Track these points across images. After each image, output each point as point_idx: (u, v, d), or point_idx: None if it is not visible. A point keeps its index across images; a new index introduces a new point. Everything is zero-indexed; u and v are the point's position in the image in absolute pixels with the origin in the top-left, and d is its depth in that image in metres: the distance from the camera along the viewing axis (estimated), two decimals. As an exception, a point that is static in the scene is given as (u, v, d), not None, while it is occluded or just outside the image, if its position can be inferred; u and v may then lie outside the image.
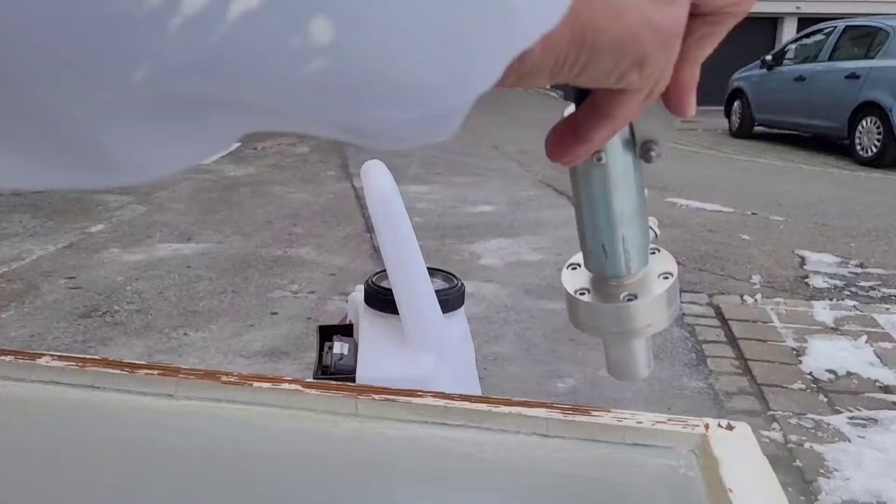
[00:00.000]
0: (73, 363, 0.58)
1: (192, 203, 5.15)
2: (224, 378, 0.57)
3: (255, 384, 0.56)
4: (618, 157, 0.39)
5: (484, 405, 0.54)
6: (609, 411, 0.54)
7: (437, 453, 0.51)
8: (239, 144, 7.47)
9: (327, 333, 1.36)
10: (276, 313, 3.23)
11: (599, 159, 0.39)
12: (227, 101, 0.21)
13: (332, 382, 0.58)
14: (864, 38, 8.91)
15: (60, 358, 0.59)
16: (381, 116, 0.22)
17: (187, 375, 0.57)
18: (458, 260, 3.98)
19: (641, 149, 0.39)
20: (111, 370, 0.57)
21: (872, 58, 8.49)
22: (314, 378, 1.31)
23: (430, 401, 0.55)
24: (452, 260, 3.93)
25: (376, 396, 0.55)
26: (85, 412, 0.55)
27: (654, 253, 0.46)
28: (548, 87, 10.85)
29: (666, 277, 0.45)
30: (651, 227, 0.52)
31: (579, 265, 0.47)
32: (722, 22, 0.34)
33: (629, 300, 0.43)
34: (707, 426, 0.52)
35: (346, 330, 1.38)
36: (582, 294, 0.45)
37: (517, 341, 3.04)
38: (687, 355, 2.94)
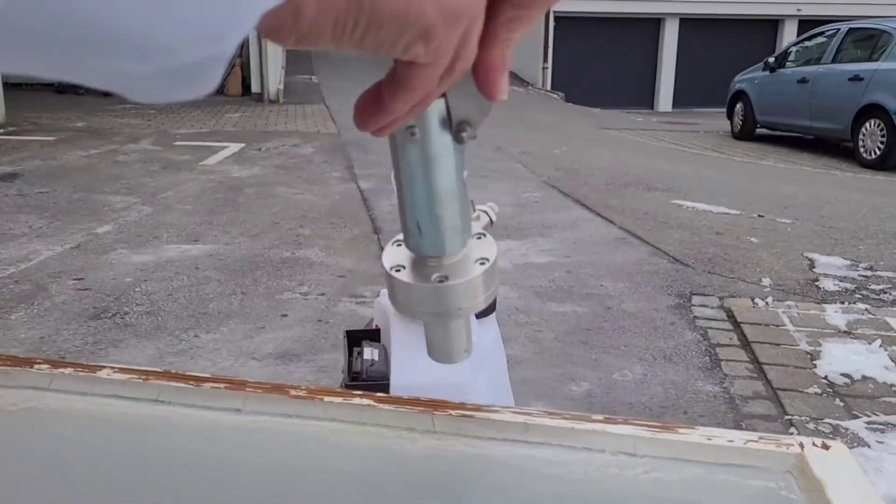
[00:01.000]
0: (136, 376, 0.56)
1: (198, 204, 5.13)
2: (292, 392, 0.55)
3: (326, 398, 0.55)
4: (432, 134, 0.38)
5: (566, 422, 0.52)
6: (695, 428, 0.52)
7: (523, 473, 0.49)
8: (243, 145, 7.45)
9: (354, 339, 1.34)
10: (286, 315, 3.21)
11: (413, 134, 0.38)
12: None
13: (404, 397, 0.56)
14: (868, 41, 8.91)
15: (122, 370, 0.57)
16: (112, 67, 0.22)
17: (254, 389, 0.55)
18: (466, 262, 3.95)
19: (455, 129, 0.38)
20: (175, 383, 0.56)
21: (876, 60, 8.49)
22: (345, 385, 1.29)
23: (508, 417, 0.53)
24: (461, 262, 3.90)
25: (453, 412, 0.53)
26: (151, 427, 0.53)
27: (479, 238, 0.46)
28: (549, 88, 10.68)
29: (482, 263, 0.44)
30: (487, 213, 0.51)
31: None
32: (530, 6, 0.33)
33: (440, 281, 0.43)
34: (802, 445, 0.50)
35: (374, 335, 1.36)
36: (397, 271, 0.44)
37: (529, 344, 3.03)
38: (700, 359, 2.93)
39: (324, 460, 0.51)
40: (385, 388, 1.17)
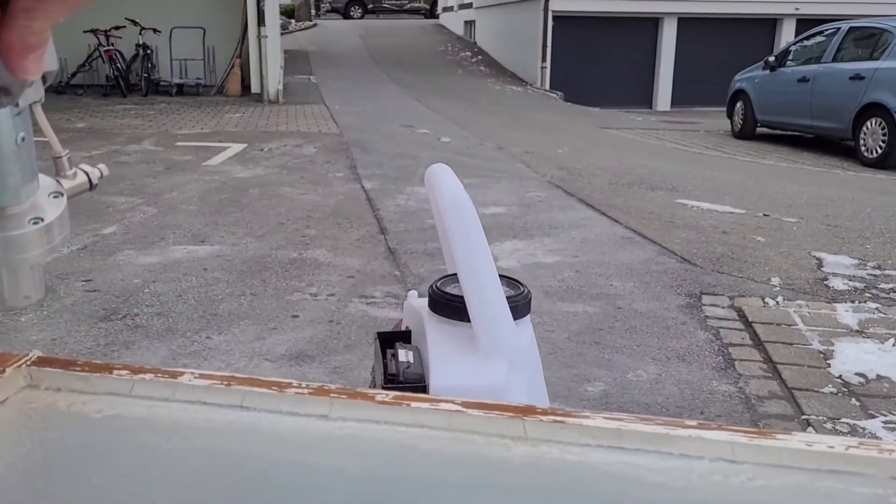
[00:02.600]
0: (218, 381, 0.55)
1: (203, 204, 5.11)
2: (378, 397, 0.55)
3: (413, 404, 0.54)
4: None
5: (660, 428, 0.51)
6: (793, 434, 0.51)
7: (625, 481, 0.48)
8: (245, 146, 7.43)
9: (386, 340, 1.33)
10: (297, 316, 3.20)
11: None
12: None
13: (491, 403, 0.55)
14: (869, 39, 8.93)
15: (202, 376, 0.56)
16: None
17: (339, 395, 0.55)
18: (475, 262, 3.94)
19: None
20: (258, 389, 0.55)
21: (877, 59, 8.50)
22: (383, 387, 1.28)
23: (601, 422, 0.52)
24: (469, 262, 3.89)
25: (544, 418, 0.53)
26: (239, 434, 0.53)
27: (56, 197, 0.50)
28: (547, 87, 10.68)
29: (35, 222, 0.47)
30: (87, 174, 0.54)
31: None
32: (45, 2, 0.35)
33: None
34: (904, 450, 0.49)
35: (405, 337, 1.35)
36: None
37: (542, 344, 3.00)
38: (714, 358, 2.93)
39: (418, 468, 0.51)
40: (422, 389, 1.17)
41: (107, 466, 0.51)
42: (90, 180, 0.53)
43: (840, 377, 2.74)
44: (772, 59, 10.55)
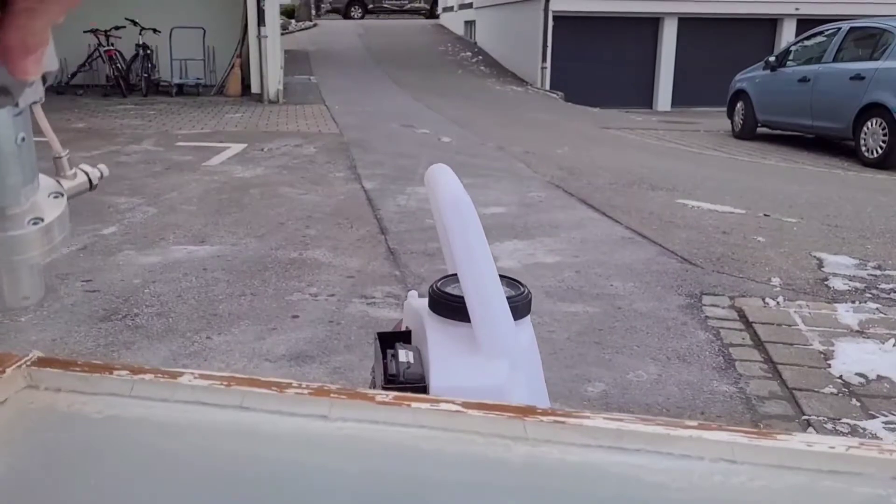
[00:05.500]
0: (218, 382, 0.55)
1: (203, 205, 5.11)
2: (378, 398, 0.55)
3: (413, 405, 0.54)
4: None
5: (661, 428, 0.51)
6: (793, 435, 0.51)
7: (626, 481, 0.48)
8: (246, 146, 7.43)
9: (386, 341, 1.33)
10: (297, 316, 3.20)
11: None
12: None
13: (490, 403, 0.55)
14: (869, 39, 8.93)
15: (202, 377, 0.56)
16: None
17: (339, 395, 0.54)
18: (475, 262, 3.94)
19: None
20: (258, 389, 0.55)
21: (877, 59, 8.50)
22: (383, 387, 1.28)
23: (601, 423, 0.52)
24: (470, 262, 3.89)
25: (544, 418, 0.53)
26: (237, 434, 0.52)
27: (56, 197, 0.50)
28: (548, 87, 10.69)
29: (35, 223, 0.47)
30: (87, 174, 0.56)
31: None
32: (43, 1, 0.35)
33: None
34: (905, 451, 0.49)
35: (405, 337, 1.35)
36: None
37: (542, 344, 3.00)
38: (714, 359, 2.93)
39: (418, 468, 0.50)
40: (423, 389, 1.16)
41: (106, 467, 0.50)
42: (90, 180, 0.53)
43: (840, 377, 2.74)
44: (772, 59, 10.55)
